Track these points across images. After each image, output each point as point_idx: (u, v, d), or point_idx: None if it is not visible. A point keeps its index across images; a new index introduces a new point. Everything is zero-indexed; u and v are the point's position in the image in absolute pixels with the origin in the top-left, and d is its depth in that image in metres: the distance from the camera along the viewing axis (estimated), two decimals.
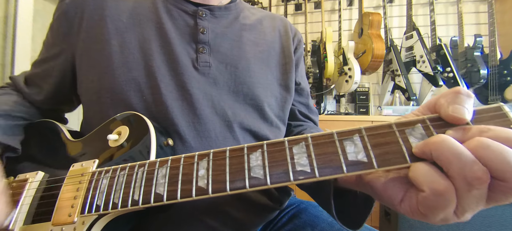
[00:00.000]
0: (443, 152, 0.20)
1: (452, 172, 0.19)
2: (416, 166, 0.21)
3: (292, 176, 0.23)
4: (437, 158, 0.20)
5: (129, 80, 0.41)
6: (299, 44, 0.58)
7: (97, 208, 0.28)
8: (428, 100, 0.24)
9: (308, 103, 0.59)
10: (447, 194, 0.19)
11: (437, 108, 0.23)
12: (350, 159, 0.23)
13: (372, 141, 0.23)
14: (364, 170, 0.22)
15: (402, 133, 0.23)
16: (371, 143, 0.23)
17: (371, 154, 0.22)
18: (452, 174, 0.19)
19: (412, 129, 0.22)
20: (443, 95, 0.23)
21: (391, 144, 0.22)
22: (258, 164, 0.25)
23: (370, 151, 0.23)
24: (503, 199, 0.20)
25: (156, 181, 0.27)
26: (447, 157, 0.19)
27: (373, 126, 0.24)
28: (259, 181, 0.24)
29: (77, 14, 0.45)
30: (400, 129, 0.23)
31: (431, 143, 0.20)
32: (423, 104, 0.25)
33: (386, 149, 0.22)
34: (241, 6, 0.55)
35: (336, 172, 0.23)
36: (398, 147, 0.22)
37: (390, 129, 0.23)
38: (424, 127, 0.22)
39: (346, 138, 0.24)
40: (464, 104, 0.21)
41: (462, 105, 0.21)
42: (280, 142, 0.25)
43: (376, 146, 0.23)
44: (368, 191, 0.26)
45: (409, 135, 0.22)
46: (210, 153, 0.27)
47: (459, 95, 0.22)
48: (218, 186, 0.25)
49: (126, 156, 0.34)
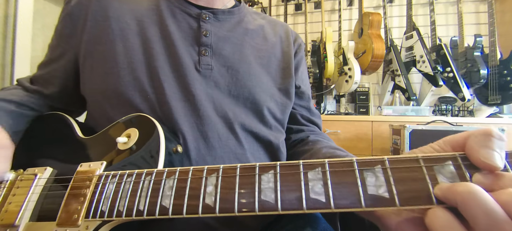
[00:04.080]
0: (470, 205, 0.17)
1: (479, 229, 0.17)
2: (435, 213, 0.19)
3: (305, 204, 0.22)
4: (463, 210, 0.18)
5: (133, 80, 0.41)
6: (299, 48, 0.59)
7: (101, 213, 0.28)
8: (452, 137, 0.22)
9: (310, 107, 0.59)
10: None
11: (467, 150, 0.20)
12: (369, 192, 0.21)
13: (396, 175, 0.21)
14: (384, 206, 0.20)
15: (430, 169, 0.21)
16: (395, 177, 0.21)
17: (393, 189, 0.21)
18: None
19: (441, 166, 0.21)
20: (472, 134, 0.21)
21: (417, 180, 0.20)
22: (270, 187, 0.23)
23: (392, 186, 0.21)
24: None
25: (162, 192, 0.27)
26: (475, 212, 0.17)
27: (397, 157, 0.22)
28: (269, 205, 0.23)
29: (81, 16, 0.45)
30: (427, 165, 0.21)
31: (457, 192, 0.18)
32: (445, 140, 0.22)
33: (411, 186, 0.20)
34: (244, 11, 0.55)
35: (353, 206, 0.21)
36: (425, 185, 0.20)
37: (417, 163, 0.21)
38: (456, 166, 0.20)
39: (367, 168, 0.22)
40: (496, 148, 0.19)
41: (493, 150, 0.19)
42: (294, 164, 0.24)
43: (399, 181, 0.21)
44: (378, 224, 0.25)
45: (438, 173, 0.20)
46: (220, 169, 0.26)
47: (491, 139, 0.19)
48: (226, 206, 0.24)
49: (134, 160, 0.34)
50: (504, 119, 1.56)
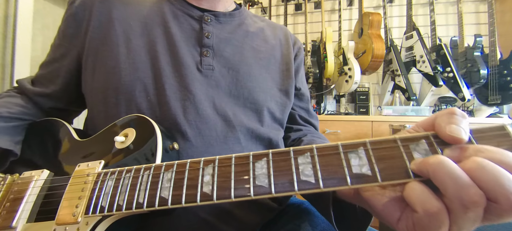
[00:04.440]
0: (440, 174, 0.20)
1: (449, 194, 0.20)
2: (411, 185, 0.21)
3: (296, 186, 0.23)
4: (434, 179, 0.20)
5: (135, 80, 0.42)
6: (299, 51, 0.60)
7: (101, 209, 0.29)
8: (424, 119, 0.25)
9: (308, 108, 0.61)
10: (439, 215, 0.20)
11: (436, 128, 0.23)
12: (354, 171, 0.23)
13: (377, 154, 0.23)
14: (368, 183, 0.22)
15: (407, 148, 0.23)
16: (376, 156, 0.23)
17: (375, 167, 0.23)
18: (449, 197, 0.20)
19: (416, 144, 0.23)
20: (439, 115, 0.23)
21: (395, 158, 0.23)
22: (263, 173, 0.25)
23: (374, 165, 0.23)
24: (496, 219, 0.20)
25: (161, 184, 0.27)
26: (444, 180, 0.20)
27: (377, 139, 0.24)
28: (263, 189, 0.24)
29: (85, 16, 0.46)
30: (404, 143, 0.23)
31: (429, 164, 0.21)
32: (418, 124, 0.25)
33: (391, 163, 0.23)
34: (245, 14, 0.56)
35: (340, 184, 0.23)
36: (402, 162, 0.22)
37: (394, 143, 0.23)
38: (428, 143, 0.23)
39: (351, 150, 0.24)
40: (459, 124, 0.22)
41: (458, 125, 0.22)
42: (285, 151, 0.26)
43: (380, 159, 0.23)
44: (367, 207, 0.27)
45: (413, 150, 0.23)
46: (216, 160, 0.27)
47: (454, 116, 0.22)
48: (223, 193, 0.25)
49: (132, 158, 0.34)
50: (504, 119, 1.56)
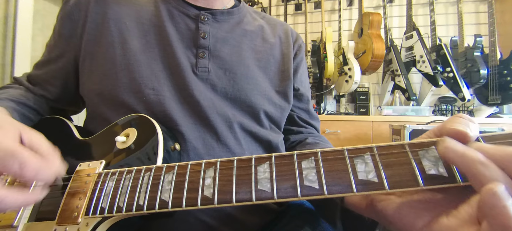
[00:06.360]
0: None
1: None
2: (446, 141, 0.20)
3: (299, 191, 0.23)
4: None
5: (130, 82, 0.41)
6: (299, 49, 0.58)
7: (101, 210, 0.28)
8: (434, 127, 0.24)
9: (309, 109, 0.59)
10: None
11: (445, 132, 0.22)
12: (360, 178, 0.22)
13: (384, 161, 0.22)
14: (374, 190, 0.21)
15: (415, 154, 0.22)
16: (383, 162, 0.22)
17: (382, 174, 0.22)
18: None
19: (426, 151, 0.22)
20: (447, 120, 0.23)
21: (403, 165, 0.22)
22: (266, 177, 0.24)
23: (381, 171, 0.22)
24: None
25: (162, 186, 0.27)
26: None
27: (385, 144, 0.23)
28: (265, 194, 0.24)
29: (80, 17, 0.45)
30: (413, 149, 0.22)
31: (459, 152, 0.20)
32: (427, 132, 0.25)
33: (398, 170, 0.22)
34: (244, 11, 0.54)
35: (345, 191, 0.22)
36: (411, 168, 0.21)
37: (402, 149, 0.22)
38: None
39: (357, 155, 0.23)
40: (466, 122, 0.22)
41: (464, 123, 0.22)
42: (289, 155, 0.25)
43: (387, 166, 0.22)
44: (380, 219, 0.25)
45: (423, 157, 0.22)
46: (218, 162, 0.27)
47: (460, 118, 0.22)
48: (224, 197, 0.24)
49: (133, 159, 0.34)
50: (504, 118, 1.56)
